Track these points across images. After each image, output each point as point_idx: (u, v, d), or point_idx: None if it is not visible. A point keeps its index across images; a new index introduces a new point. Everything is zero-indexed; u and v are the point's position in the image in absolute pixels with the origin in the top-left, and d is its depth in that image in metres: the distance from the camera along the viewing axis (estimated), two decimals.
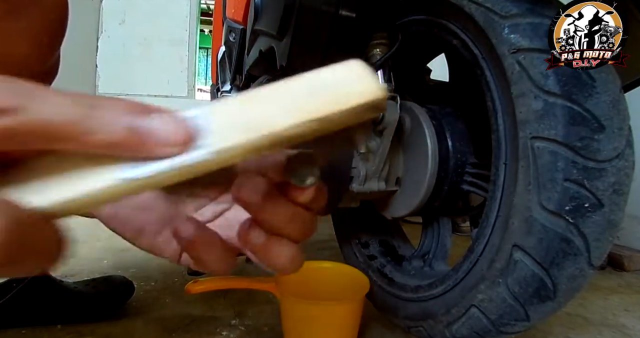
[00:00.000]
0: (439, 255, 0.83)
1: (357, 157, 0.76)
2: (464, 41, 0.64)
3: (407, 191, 0.79)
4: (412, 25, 0.76)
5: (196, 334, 0.78)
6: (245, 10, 1.09)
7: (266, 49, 0.79)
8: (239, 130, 0.18)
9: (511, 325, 0.58)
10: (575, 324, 0.89)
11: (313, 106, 0.18)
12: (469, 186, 0.75)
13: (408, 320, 0.73)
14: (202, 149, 0.18)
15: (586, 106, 0.50)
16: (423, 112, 0.76)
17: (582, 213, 0.51)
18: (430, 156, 0.73)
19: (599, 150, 0.50)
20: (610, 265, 1.32)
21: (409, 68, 0.89)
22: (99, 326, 0.79)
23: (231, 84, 1.23)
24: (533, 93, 0.52)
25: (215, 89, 1.40)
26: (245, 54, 1.03)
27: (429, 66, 0.97)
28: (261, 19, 0.78)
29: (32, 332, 0.76)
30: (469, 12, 0.59)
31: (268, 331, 0.80)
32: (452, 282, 0.65)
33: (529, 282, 0.54)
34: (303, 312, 0.71)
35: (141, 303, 0.88)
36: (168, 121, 0.18)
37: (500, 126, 0.60)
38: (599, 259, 0.53)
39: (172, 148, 0.17)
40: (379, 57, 0.74)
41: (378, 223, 0.98)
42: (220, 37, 1.39)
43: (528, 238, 0.53)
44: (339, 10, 0.63)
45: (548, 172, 0.51)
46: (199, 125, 0.18)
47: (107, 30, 3.00)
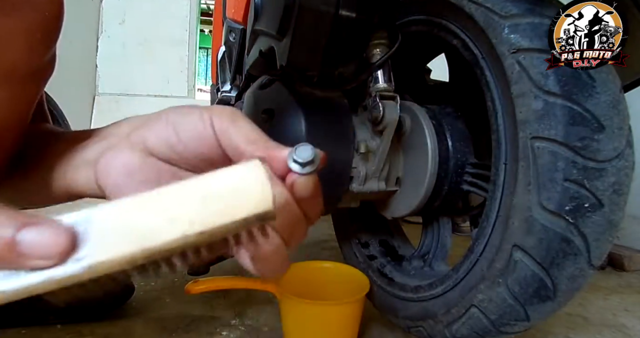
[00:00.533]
0: (439, 255, 0.83)
1: (357, 157, 0.76)
2: (464, 41, 0.64)
3: (407, 191, 0.78)
4: (412, 25, 0.76)
5: (196, 334, 0.78)
6: (245, 10, 1.09)
7: (266, 49, 0.79)
8: (119, 242, 0.17)
9: (511, 325, 0.58)
10: (575, 324, 0.89)
11: (200, 217, 0.18)
12: (469, 186, 0.75)
13: (408, 320, 0.73)
14: (78, 263, 0.17)
15: (586, 106, 0.50)
16: (423, 112, 0.76)
17: (582, 213, 0.51)
18: (430, 156, 0.73)
19: (599, 150, 0.50)
20: (610, 265, 1.32)
21: (409, 68, 0.89)
22: (99, 326, 0.79)
23: (231, 84, 1.23)
24: (533, 93, 0.52)
25: (215, 89, 1.40)
26: (245, 54, 1.03)
27: (429, 66, 0.97)
28: (261, 19, 0.78)
29: (32, 332, 0.76)
30: (469, 12, 0.59)
31: (268, 331, 0.80)
32: (452, 282, 0.65)
33: (529, 282, 0.54)
34: (303, 312, 0.71)
35: (141, 304, 0.89)
36: (46, 234, 0.17)
37: (500, 126, 0.60)
38: (599, 259, 0.53)
39: (46, 261, 0.17)
40: (379, 57, 0.74)
41: (378, 223, 0.98)
42: (220, 37, 1.38)
43: (528, 238, 0.53)
44: (339, 10, 0.63)
45: (548, 172, 0.51)
46: (80, 233, 0.18)
47: (107, 30, 3.00)
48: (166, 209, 0.18)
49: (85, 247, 0.18)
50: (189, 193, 0.18)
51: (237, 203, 0.18)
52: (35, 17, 0.25)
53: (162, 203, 0.18)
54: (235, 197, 0.18)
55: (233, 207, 0.18)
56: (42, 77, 0.29)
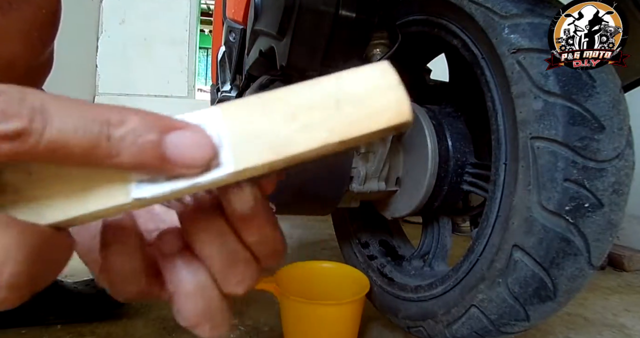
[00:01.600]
0: (439, 255, 0.83)
1: (357, 157, 0.76)
2: (464, 41, 0.64)
3: (407, 191, 0.78)
4: (412, 25, 0.76)
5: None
6: (245, 10, 1.09)
7: (266, 49, 0.79)
8: (259, 149, 0.17)
9: (511, 325, 0.58)
10: (575, 324, 0.89)
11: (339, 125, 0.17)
12: (469, 186, 0.75)
13: (408, 320, 0.73)
14: (220, 169, 0.17)
15: (586, 106, 0.50)
16: (423, 112, 0.76)
17: (582, 213, 0.51)
18: (430, 156, 0.73)
19: (599, 150, 0.50)
20: (610, 265, 1.32)
21: (409, 68, 0.89)
22: (99, 326, 0.79)
23: (231, 84, 1.23)
24: (533, 93, 0.52)
25: (215, 89, 1.40)
26: (245, 54, 1.03)
27: (429, 66, 0.97)
28: (261, 19, 0.78)
29: (32, 332, 0.76)
30: (469, 12, 0.59)
31: (268, 331, 0.80)
32: (452, 282, 0.65)
33: (529, 282, 0.54)
34: (303, 312, 0.71)
35: (141, 304, 0.88)
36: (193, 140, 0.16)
37: (500, 126, 0.60)
38: (599, 259, 0.53)
39: (194, 169, 0.16)
40: (379, 57, 0.74)
41: (378, 223, 0.98)
42: (220, 37, 1.38)
43: (528, 238, 0.53)
44: (339, 10, 0.63)
45: (548, 172, 0.51)
46: (219, 138, 0.17)
47: (107, 30, 3.00)
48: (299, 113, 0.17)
49: (223, 153, 0.17)
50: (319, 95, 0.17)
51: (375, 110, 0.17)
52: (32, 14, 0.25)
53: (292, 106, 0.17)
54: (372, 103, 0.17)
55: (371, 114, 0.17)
56: (39, 74, 0.29)
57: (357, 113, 0.17)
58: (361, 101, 0.17)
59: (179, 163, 0.16)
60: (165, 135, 0.16)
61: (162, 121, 0.16)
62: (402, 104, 0.17)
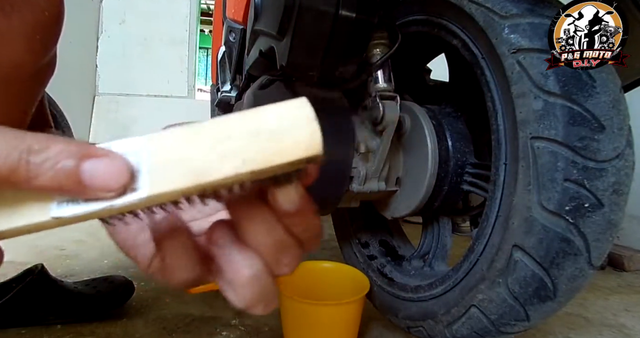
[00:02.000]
0: (439, 255, 0.83)
1: (357, 157, 0.76)
2: (464, 41, 0.64)
3: (407, 191, 0.78)
4: (412, 25, 0.76)
5: (196, 334, 0.78)
6: (245, 10, 1.09)
7: (266, 49, 0.79)
8: (175, 175, 0.18)
9: (511, 325, 0.58)
10: (575, 324, 0.89)
11: (253, 156, 0.18)
12: (469, 186, 0.75)
13: (408, 320, 0.73)
14: (136, 194, 0.18)
15: (586, 106, 0.50)
16: (423, 112, 0.76)
17: (582, 213, 0.51)
18: (430, 156, 0.73)
19: (599, 150, 0.50)
20: (610, 265, 1.32)
21: (409, 68, 0.89)
22: (99, 326, 0.79)
23: (231, 84, 1.23)
24: (533, 93, 0.52)
25: (215, 89, 1.40)
26: (245, 54, 1.03)
27: (429, 66, 0.97)
28: (261, 19, 0.78)
29: (32, 332, 0.76)
30: (469, 12, 0.59)
31: (268, 331, 0.80)
32: (452, 282, 0.65)
33: (529, 282, 0.54)
34: (303, 312, 0.71)
35: (141, 304, 0.89)
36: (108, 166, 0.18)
37: (500, 126, 0.60)
38: (599, 259, 0.53)
39: (109, 193, 0.18)
40: (379, 57, 0.74)
41: (378, 223, 0.98)
42: (220, 37, 1.38)
43: (528, 238, 0.53)
44: (339, 10, 0.63)
45: (548, 172, 0.51)
46: (137, 164, 0.18)
47: (107, 30, 3.00)
48: (217, 143, 0.18)
49: (140, 178, 0.18)
50: (239, 127, 0.18)
51: (288, 143, 0.18)
52: (35, 17, 0.25)
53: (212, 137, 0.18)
54: (286, 137, 0.18)
55: (284, 147, 0.18)
56: (42, 77, 0.29)
57: (271, 145, 0.18)
58: (277, 134, 0.18)
59: (93, 187, 0.18)
60: (82, 162, 0.18)
61: (81, 149, 0.18)
62: (314, 138, 0.18)
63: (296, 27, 0.65)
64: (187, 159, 0.18)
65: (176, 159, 0.18)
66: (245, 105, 0.93)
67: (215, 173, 0.18)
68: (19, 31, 0.24)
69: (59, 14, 0.27)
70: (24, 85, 0.27)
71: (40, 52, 0.26)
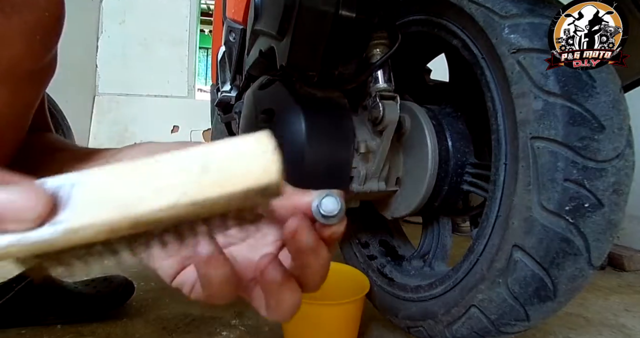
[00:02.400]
0: (439, 255, 0.83)
1: (357, 157, 0.76)
2: (464, 41, 0.64)
3: (407, 191, 0.78)
4: (412, 25, 0.76)
5: (196, 334, 0.78)
6: (245, 10, 1.09)
7: (266, 49, 0.79)
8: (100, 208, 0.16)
9: (511, 325, 0.58)
10: (575, 324, 0.89)
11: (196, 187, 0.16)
12: (469, 186, 0.75)
13: (408, 320, 0.73)
14: (53, 227, 0.16)
15: (586, 106, 0.50)
16: (423, 112, 0.76)
17: (582, 213, 0.51)
18: (430, 156, 0.73)
19: (599, 150, 0.50)
20: (610, 265, 1.32)
21: (409, 68, 0.89)
22: (99, 326, 0.79)
23: (231, 84, 1.23)
24: (533, 93, 0.52)
25: (215, 89, 1.40)
26: (245, 54, 1.03)
27: (429, 66, 0.97)
28: (261, 19, 0.78)
29: (32, 332, 0.76)
30: (469, 12, 0.59)
31: (268, 331, 0.80)
32: (452, 282, 0.65)
33: (529, 282, 0.54)
34: (303, 312, 0.71)
35: (141, 303, 0.89)
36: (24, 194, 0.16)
37: (500, 126, 0.60)
38: (599, 259, 0.53)
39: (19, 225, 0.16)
40: (379, 57, 0.74)
41: (378, 223, 0.98)
42: (220, 37, 1.38)
43: (528, 238, 0.53)
44: (339, 10, 0.63)
45: (548, 172, 0.51)
46: (62, 197, 0.17)
47: (107, 30, 3.01)
48: (159, 177, 0.17)
49: (65, 212, 0.16)
50: (188, 161, 0.17)
51: (238, 173, 0.16)
52: (35, 17, 0.25)
53: (157, 171, 0.17)
54: (236, 167, 0.16)
55: (232, 177, 0.16)
56: (42, 78, 0.28)
57: (218, 176, 0.16)
58: (227, 166, 0.17)
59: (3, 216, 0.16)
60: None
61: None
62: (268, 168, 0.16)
63: (296, 27, 0.65)
64: (120, 192, 0.17)
65: (110, 191, 0.17)
66: (245, 105, 0.93)
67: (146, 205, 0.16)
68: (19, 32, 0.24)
69: (59, 14, 0.26)
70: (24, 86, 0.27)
71: (41, 53, 0.26)
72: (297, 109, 0.73)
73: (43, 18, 0.25)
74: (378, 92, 0.72)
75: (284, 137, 0.74)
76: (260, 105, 0.84)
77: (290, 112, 0.74)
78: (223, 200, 0.16)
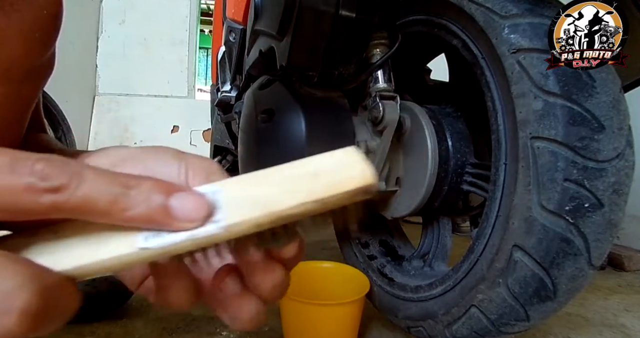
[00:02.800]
0: (439, 255, 0.83)
1: None
2: (464, 41, 0.64)
3: (407, 191, 0.78)
4: (412, 25, 0.76)
5: (196, 334, 0.78)
6: (245, 10, 1.09)
7: (266, 49, 0.79)
8: (246, 208, 0.21)
9: (511, 325, 0.58)
10: (575, 324, 0.89)
11: (313, 189, 0.21)
12: (469, 186, 0.75)
13: (408, 320, 0.73)
14: (214, 224, 0.20)
15: (586, 106, 0.50)
16: (423, 112, 0.76)
17: (582, 213, 0.51)
18: (430, 156, 0.73)
19: (599, 150, 0.50)
20: (610, 265, 1.32)
21: (409, 68, 0.89)
22: (99, 326, 0.79)
23: (231, 84, 1.23)
24: (533, 93, 0.52)
25: (215, 89, 1.40)
26: (245, 54, 1.03)
27: (429, 66, 0.97)
28: (261, 19, 0.78)
29: None
30: (469, 12, 0.59)
31: (268, 331, 0.80)
32: (452, 282, 0.65)
33: (529, 282, 0.54)
34: (303, 312, 0.71)
35: (141, 303, 0.89)
36: (191, 200, 0.20)
37: (500, 126, 0.60)
38: (599, 259, 0.53)
39: (192, 224, 0.20)
40: (379, 57, 0.74)
41: (378, 223, 0.98)
42: (220, 37, 1.38)
43: (528, 238, 0.53)
44: (339, 10, 0.63)
45: (548, 172, 0.51)
46: (214, 201, 0.21)
47: (107, 30, 3.01)
48: (284, 182, 0.21)
49: (219, 212, 0.20)
50: (300, 170, 0.22)
51: (344, 177, 0.21)
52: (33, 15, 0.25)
53: (279, 178, 0.22)
54: (340, 173, 0.21)
55: (341, 180, 0.21)
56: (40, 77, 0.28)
57: (330, 180, 0.21)
58: (333, 172, 0.21)
59: (180, 218, 0.20)
60: (170, 196, 0.20)
61: (170, 186, 0.21)
62: (366, 172, 0.21)
63: (296, 27, 0.65)
64: (257, 196, 0.21)
65: (248, 195, 0.21)
66: (245, 105, 0.93)
67: (282, 204, 0.20)
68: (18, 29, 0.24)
69: (58, 12, 0.26)
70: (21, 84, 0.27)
71: (39, 51, 0.26)
72: (297, 109, 0.73)
73: (42, 16, 0.25)
74: (378, 92, 0.72)
75: (284, 137, 0.74)
76: (260, 105, 0.84)
77: (290, 112, 0.74)
78: (336, 198, 0.21)
